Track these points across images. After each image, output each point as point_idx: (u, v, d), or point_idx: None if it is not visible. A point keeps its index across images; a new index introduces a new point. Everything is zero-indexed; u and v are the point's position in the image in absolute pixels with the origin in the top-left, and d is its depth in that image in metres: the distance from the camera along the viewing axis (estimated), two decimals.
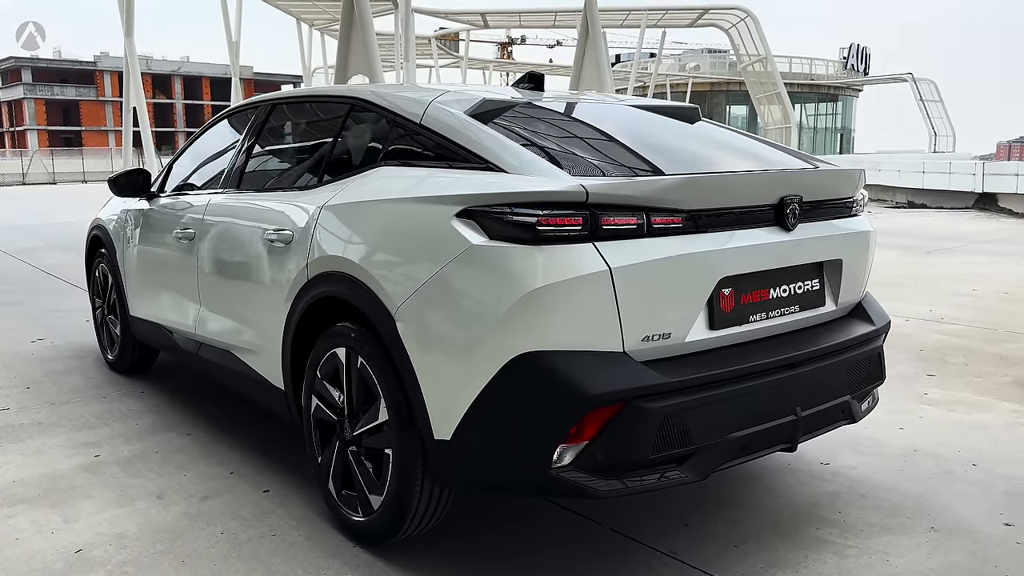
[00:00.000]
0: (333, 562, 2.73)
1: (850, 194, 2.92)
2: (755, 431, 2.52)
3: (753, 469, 3.51)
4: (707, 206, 2.43)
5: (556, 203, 2.26)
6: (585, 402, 2.23)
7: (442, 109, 2.79)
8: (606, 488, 2.31)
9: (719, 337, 2.51)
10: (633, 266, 2.28)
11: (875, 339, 2.97)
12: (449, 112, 2.76)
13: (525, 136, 2.63)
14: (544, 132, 2.74)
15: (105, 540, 2.89)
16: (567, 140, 2.74)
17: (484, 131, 2.62)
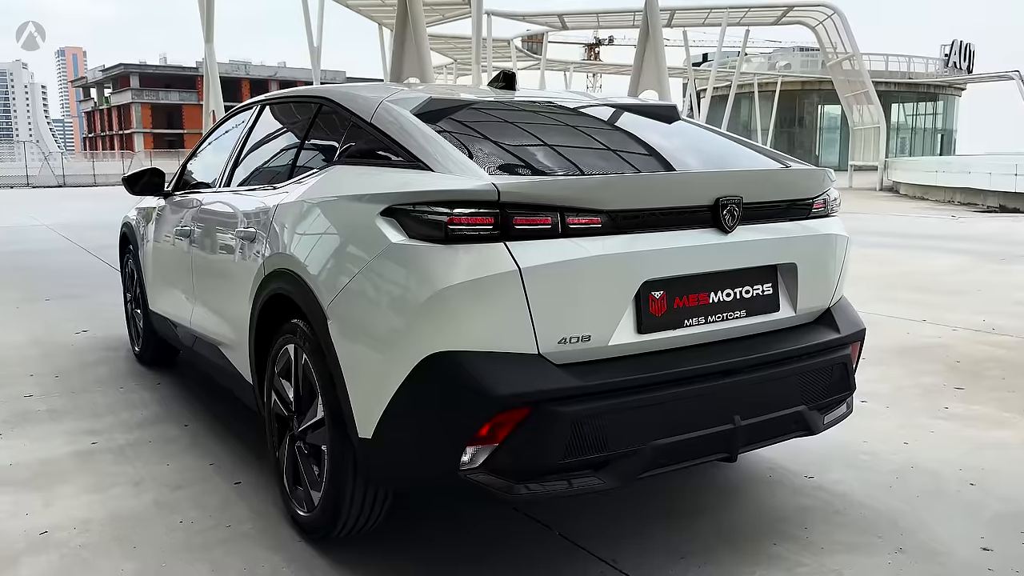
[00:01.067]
0: (273, 556, 2.77)
1: (808, 196, 2.79)
2: (683, 439, 2.43)
3: (730, 479, 3.39)
4: (628, 207, 2.36)
5: (469, 202, 2.24)
6: (492, 404, 2.19)
7: (390, 108, 2.80)
8: (516, 492, 2.27)
9: (648, 341, 2.43)
10: (544, 266, 2.24)
11: (839, 348, 2.82)
12: (395, 111, 2.77)
13: (460, 136, 2.61)
14: (482, 132, 2.72)
15: (71, 524, 3.01)
16: (504, 140, 2.71)
17: (420, 130, 2.61)
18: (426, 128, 2.62)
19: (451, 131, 2.63)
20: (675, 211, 2.45)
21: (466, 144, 2.54)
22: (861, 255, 10.58)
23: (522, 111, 3.04)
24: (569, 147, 2.72)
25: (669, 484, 3.33)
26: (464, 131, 2.66)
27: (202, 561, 2.74)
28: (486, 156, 2.48)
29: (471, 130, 2.70)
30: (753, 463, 3.57)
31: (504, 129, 2.83)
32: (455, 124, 2.71)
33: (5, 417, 4.24)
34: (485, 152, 2.52)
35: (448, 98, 2.91)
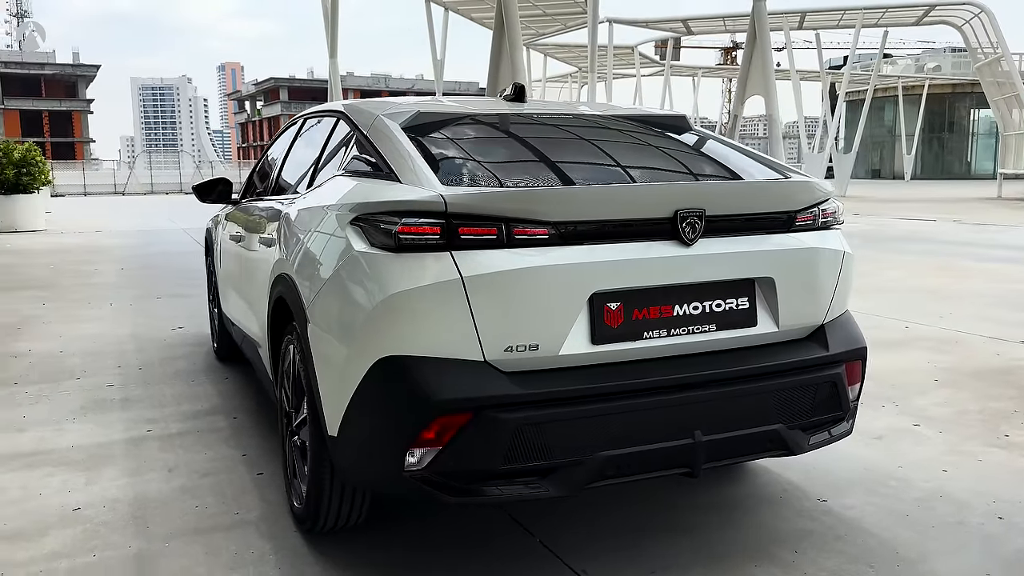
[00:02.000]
0: (265, 543, 2.94)
1: (788, 208, 2.70)
2: (635, 451, 2.42)
3: (735, 497, 3.31)
4: (576, 218, 2.37)
5: (418, 212, 2.32)
6: (433, 407, 2.27)
7: (383, 122, 2.92)
8: (459, 495, 2.33)
9: (603, 352, 2.43)
10: (487, 275, 2.29)
11: (826, 366, 2.71)
12: (387, 125, 2.89)
13: (436, 148, 2.70)
14: (460, 145, 2.79)
15: (102, 502, 3.29)
16: (479, 153, 2.77)
17: (399, 143, 2.72)
18: (404, 141, 2.72)
19: (429, 144, 2.73)
20: (629, 223, 2.44)
21: (437, 156, 2.63)
22: (975, 270, 9.91)
23: (512, 124, 3.09)
24: (541, 159, 2.75)
25: (669, 499, 3.29)
26: (442, 144, 2.75)
27: (200, 543, 2.94)
28: (453, 168, 2.56)
29: (449, 143, 2.78)
30: (767, 481, 3.47)
31: (484, 142, 2.90)
32: (437, 137, 2.80)
33: (83, 403, 4.66)
34: (453, 164, 2.60)
35: (436, 111, 3.00)
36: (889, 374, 5.15)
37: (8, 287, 9.21)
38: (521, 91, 3.36)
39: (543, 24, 29.39)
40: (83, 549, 2.90)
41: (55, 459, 3.78)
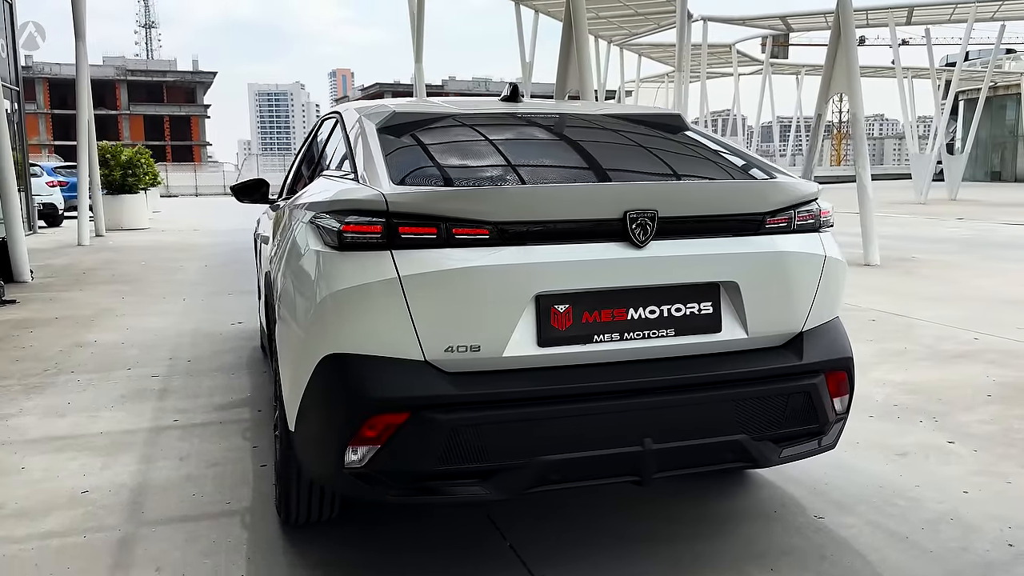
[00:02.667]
0: (244, 534, 3.02)
1: (756, 211, 2.57)
2: (580, 457, 2.36)
3: (728, 511, 3.19)
4: (519, 218, 2.33)
5: (361, 211, 2.34)
6: (369, 406, 2.28)
7: (362, 123, 2.95)
8: (396, 494, 2.34)
9: (550, 355, 2.39)
10: (425, 275, 2.28)
11: (799, 376, 2.58)
12: (365, 126, 2.92)
13: (400, 149, 2.70)
14: (426, 146, 2.78)
15: (109, 487, 3.45)
16: (444, 154, 2.75)
17: (367, 144, 2.74)
18: (373, 141, 2.75)
19: (395, 145, 2.74)
20: (575, 224, 2.39)
21: (398, 157, 2.63)
22: None
23: (491, 125, 3.05)
24: (506, 160, 2.72)
25: (663, 511, 3.19)
26: (407, 144, 2.75)
27: (185, 530, 3.04)
28: (410, 168, 2.56)
29: (416, 143, 2.78)
30: (767, 496, 3.33)
31: (453, 142, 2.87)
32: (405, 138, 2.81)
33: (124, 393, 4.90)
34: (412, 164, 2.60)
35: (413, 112, 3.01)
36: (938, 387, 4.86)
37: (98, 281, 9.78)
38: (515, 91, 3.33)
39: (635, 24, 29.07)
40: (77, 530, 3.05)
41: (81, 444, 3.99)
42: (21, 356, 5.88)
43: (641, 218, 2.39)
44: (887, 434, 4.07)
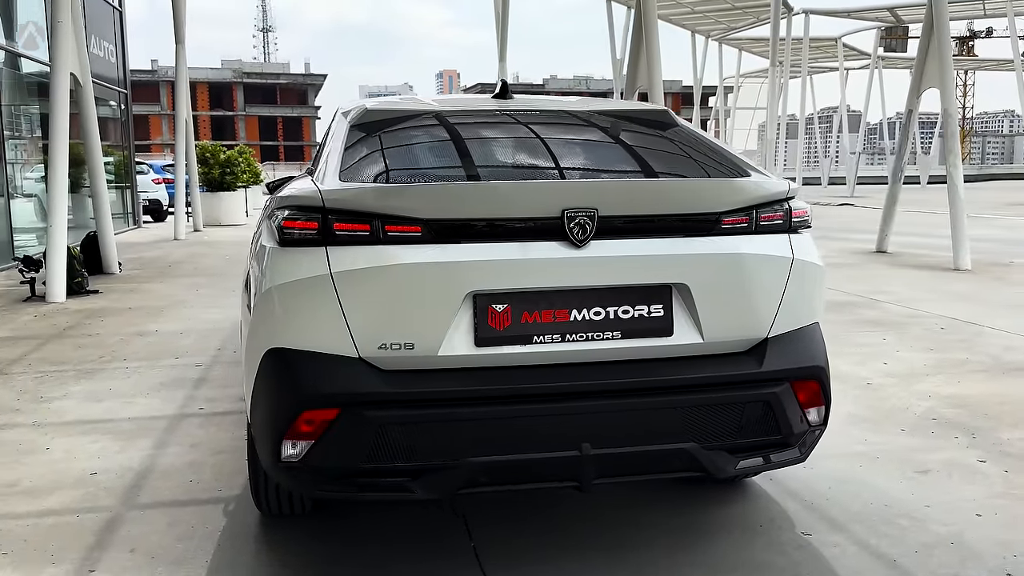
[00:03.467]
0: (221, 521, 3.10)
1: (710, 210, 2.44)
2: (511, 460, 2.31)
3: (711, 523, 3.06)
4: (452, 216, 2.30)
5: (300, 207, 2.36)
6: (301, 401, 2.30)
7: (339, 121, 2.98)
8: (328, 490, 2.35)
9: (486, 355, 2.34)
10: (356, 272, 2.28)
11: (758, 385, 2.45)
12: (340, 123, 2.95)
13: (362, 146, 2.71)
14: (389, 143, 2.77)
15: (116, 469, 3.61)
16: (404, 151, 2.74)
17: (333, 141, 2.77)
18: (339, 138, 2.77)
19: (359, 141, 2.74)
20: (510, 222, 2.33)
21: (357, 154, 2.64)
22: None
23: (464, 122, 3.00)
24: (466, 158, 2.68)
25: (633, 516, 3.10)
26: (370, 141, 2.76)
27: (170, 515, 3.15)
28: (362, 165, 2.57)
29: (379, 141, 2.78)
30: (758, 507, 3.18)
31: (419, 140, 2.85)
32: (372, 135, 2.81)
33: (164, 380, 5.12)
34: (366, 161, 2.60)
35: (386, 109, 3.01)
36: (987, 402, 4.53)
37: (180, 274, 10.26)
38: (505, 87, 3.29)
39: (734, 18, 28.34)
40: (72, 509, 3.20)
41: (108, 428, 4.20)
42: (85, 343, 6.23)
43: (580, 216, 2.32)
44: (914, 450, 3.82)
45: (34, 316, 7.38)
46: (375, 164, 2.61)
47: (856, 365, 5.36)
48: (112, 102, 16.95)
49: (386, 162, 2.64)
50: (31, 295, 8.26)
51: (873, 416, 4.31)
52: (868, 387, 4.86)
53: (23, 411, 4.50)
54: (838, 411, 4.37)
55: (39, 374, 5.30)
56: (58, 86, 8.49)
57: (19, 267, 8.40)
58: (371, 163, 2.61)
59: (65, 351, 5.98)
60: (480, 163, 2.66)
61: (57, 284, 8.15)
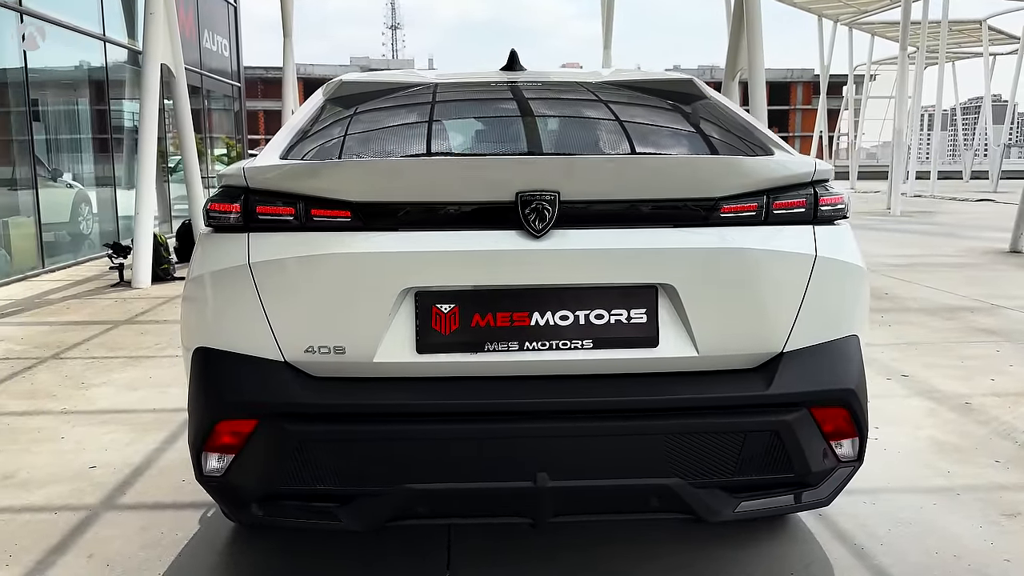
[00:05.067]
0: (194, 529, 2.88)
1: (699, 194, 1.99)
2: (454, 488, 1.95)
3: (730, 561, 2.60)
4: (386, 199, 1.95)
5: (228, 187, 2.08)
6: (216, 409, 2.03)
7: (316, 94, 2.70)
8: (247, 513, 2.06)
9: (430, 364, 1.99)
10: (276, 262, 1.98)
11: (763, 410, 1.98)
12: (316, 97, 2.66)
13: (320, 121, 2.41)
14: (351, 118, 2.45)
15: (119, 464, 3.47)
16: (362, 127, 2.41)
17: (297, 116, 2.49)
18: (302, 113, 2.48)
19: (323, 116, 2.45)
20: (458, 207, 1.97)
21: (310, 129, 2.34)
22: None
23: (451, 100, 2.62)
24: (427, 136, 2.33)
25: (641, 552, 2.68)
26: (333, 116, 2.45)
27: (146, 518, 2.97)
28: (310, 141, 2.26)
29: (342, 115, 2.46)
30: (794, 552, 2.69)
31: (384, 116, 2.51)
32: (337, 109, 2.51)
33: None
34: (321, 138, 2.30)
35: (361, 81, 2.69)
36: None
37: None
38: (513, 58, 2.91)
39: (865, 1, 26.66)
40: (53, 506, 3.07)
41: (128, 419, 4.10)
42: (148, 330, 6.26)
43: (537, 201, 1.92)
44: (1006, 487, 3.20)
45: (114, 301, 7.54)
46: (327, 141, 2.30)
47: (957, 380, 4.67)
48: (225, 95, 17.52)
49: (341, 140, 2.32)
50: (119, 281, 8.49)
51: (964, 444, 3.68)
52: (966, 408, 4.20)
53: (58, 397, 4.48)
54: (920, 435, 3.78)
55: (91, 360, 5.32)
56: (149, 77, 8.68)
57: (108, 253, 8.64)
58: (324, 140, 2.30)
59: (127, 337, 6.01)
60: (449, 142, 2.30)
61: (142, 270, 8.33)
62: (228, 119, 18.17)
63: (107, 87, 11.58)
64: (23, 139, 9.31)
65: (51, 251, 9.67)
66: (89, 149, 11.73)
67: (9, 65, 9.04)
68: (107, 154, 11.77)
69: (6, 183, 9.36)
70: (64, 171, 10.87)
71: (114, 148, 11.89)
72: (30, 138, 9.33)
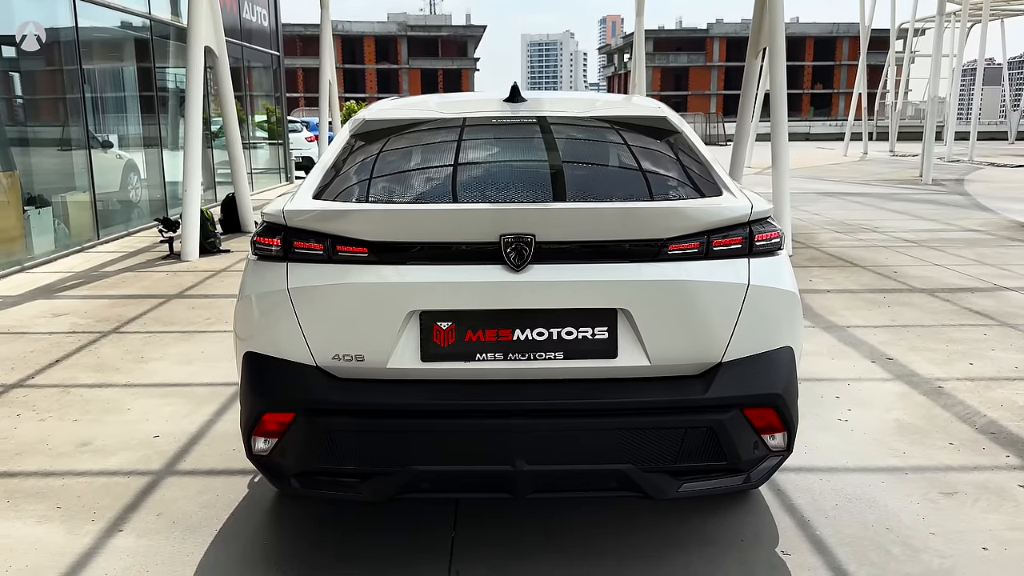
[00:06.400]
0: (245, 491, 3.41)
1: (650, 236, 2.42)
2: (449, 470, 2.45)
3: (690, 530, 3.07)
4: (394, 238, 2.42)
5: (270, 225, 2.57)
6: (261, 403, 2.54)
7: (343, 131, 3.15)
8: (288, 485, 2.58)
9: (432, 369, 2.48)
10: (310, 288, 2.47)
11: (699, 411, 2.43)
12: (342, 134, 3.11)
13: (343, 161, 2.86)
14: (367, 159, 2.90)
15: (178, 434, 4.03)
16: (375, 168, 2.86)
17: (325, 154, 2.95)
18: (329, 152, 2.94)
19: (346, 156, 2.90)
20: (451, 245, 2.43)
21: (335, 169, 2.80)
22: None
23: (447, 140, 3.02)
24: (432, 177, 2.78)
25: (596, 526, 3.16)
26: (353, 156, 2.91)
27: (202, 482, 3.51)
28: (340, 183, 2.73)
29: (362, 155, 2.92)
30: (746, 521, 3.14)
31: (395, 156, 2.96)
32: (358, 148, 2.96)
33: None
34: (345, 179, 2.76)
35: (380, 119, 3.13)
36: None
37: None
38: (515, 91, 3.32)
39: None
40: (126, 471, 3.64)
41: (185, 392, 4.67)
42: (198, 304, 6.85)
43: (517, 243, 2.38)
44: (951, 468, 3.62)
45: (165, 274, 8.15)
46: (349, 182, 2.76)
47: (936, 365, 5.05)
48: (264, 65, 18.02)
49: (359, 180, 2.78)
50: (169, 253, 9.11)
51: (924, 426, 4.09)
52: (936, 391, 4.59)
53: (122, 370, 5.07)
54: (886, 418, 4.19)
55: (148, 334, 5.91)
56: (194, 59, 9.18)
57: (159, 228, 9.25)
58: (346, 181, 2.77)
59: (179, 311, 6.60)
60: (450, 183, 2.75)
61: (191, 244, 8.93)
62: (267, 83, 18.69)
63: (152, 54, 12.04)
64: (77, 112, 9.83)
65: (105, 221, 10.31)
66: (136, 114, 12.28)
67: (63, 38, 9.57)
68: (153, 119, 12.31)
69: (62, 154, 9.96)
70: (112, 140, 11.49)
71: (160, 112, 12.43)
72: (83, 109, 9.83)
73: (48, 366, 5.16)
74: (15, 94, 9.85)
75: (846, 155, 30.74)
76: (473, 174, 2.83)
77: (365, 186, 2.75)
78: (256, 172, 17.96)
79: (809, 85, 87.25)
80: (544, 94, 3.53)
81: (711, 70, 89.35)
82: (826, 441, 3.89)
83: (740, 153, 10.98)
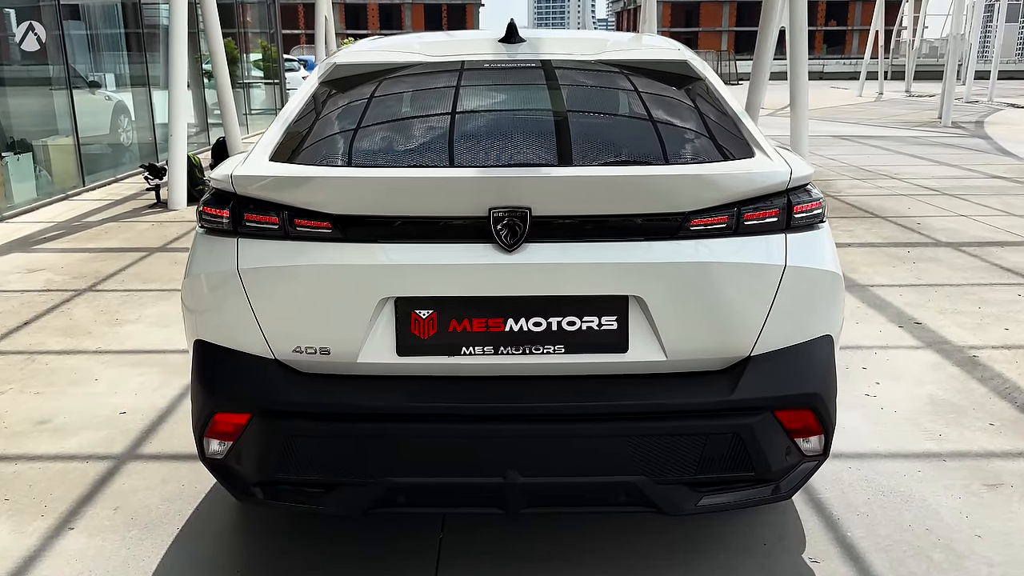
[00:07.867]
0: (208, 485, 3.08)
1: (668, 209, 2.02)
2: (430, 482, 2.10)
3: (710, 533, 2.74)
4: (363, 212, 2.03)
5: (220, 193, 2.18)
6: (214, 402, 2.18)
7: (310, 78, 2.72)
8: (247, 494, 2.24)
9: (410, 365, 2.11)
10: (264, 269, 2.09)
11: (724, 415, 2.07)
12: (309, 81, 2.69)
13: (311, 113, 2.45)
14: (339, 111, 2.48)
15: (147, 409, 3.70)
16: (350, 123, 2.44)
17: (288, 106, 2.53)
18: (294, 100, 2.53)
19: (314, 106, 2.49)
20: (431, 221, 2.03)
21: (304, 124, 2.39)
22: None
23: (435, 86, 2.61)
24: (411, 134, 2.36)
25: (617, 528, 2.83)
26: (324, 107, 2.49)
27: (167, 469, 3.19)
28: (303, 140, 2.32)
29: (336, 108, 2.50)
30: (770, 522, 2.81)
31: (372, 106, 2.53)
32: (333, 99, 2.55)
33: None
34: (310, 135, 2.35)
35: (355, 63, 2.70)
36: None
37: None
38: (512, 30, 2.88)
39: None
40: (85, 455, 3.31)
41: (157, 360, 4.33)
42: (180, 259, 6.46)
43: (509, 217, 1.99)
44: (995, 454, 3.27)
45: (150, 225, 7.76)
46: (312, 140, 2.35)
47: (968, 330, 4.68)
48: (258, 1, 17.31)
49: (323, 138, 2.37)
50: (156, 202, 8.70)
51: (961, 403, 3.74)
52: (970, 362, 4.22)
53: (94, 334, 4.72)
54: (918, 393, 3.84)
55: (126, 292, 5.55)
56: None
57: (144, 175, 8.83)
58: (309, 139, 2.35)
59: (160, 267, 6.24)
60: (429, 143, 2.32)
61: (178, 192, 8.51)
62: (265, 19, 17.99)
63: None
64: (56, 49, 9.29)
65: (91, 167, 9.86)
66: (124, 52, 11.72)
67: None
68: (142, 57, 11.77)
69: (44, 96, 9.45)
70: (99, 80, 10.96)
71: (150, 50, 11.88)
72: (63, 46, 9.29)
73: (15, 329, 4.82)
74: None
75: (861, 95, 29.90)
76: (459, 132, 2.40)
77: (330, 146, 2.33)
78: (253, 113, 17.39)
79: (823, 22, 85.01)
80: (545, 33, 3.08)
81: (722, 6, 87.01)
82: (854, 422, 3.53)
83: (757, 95, 10.42)
